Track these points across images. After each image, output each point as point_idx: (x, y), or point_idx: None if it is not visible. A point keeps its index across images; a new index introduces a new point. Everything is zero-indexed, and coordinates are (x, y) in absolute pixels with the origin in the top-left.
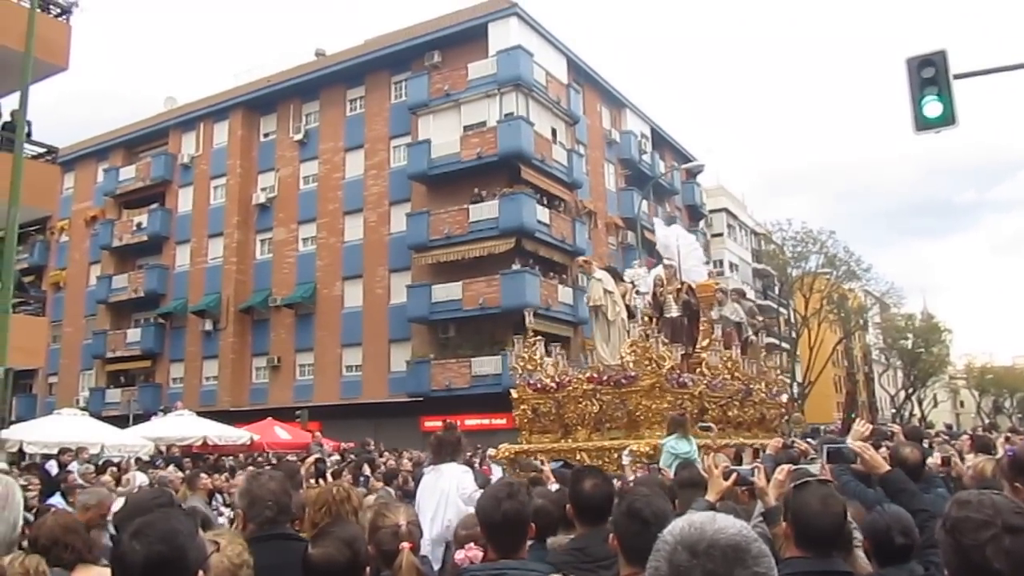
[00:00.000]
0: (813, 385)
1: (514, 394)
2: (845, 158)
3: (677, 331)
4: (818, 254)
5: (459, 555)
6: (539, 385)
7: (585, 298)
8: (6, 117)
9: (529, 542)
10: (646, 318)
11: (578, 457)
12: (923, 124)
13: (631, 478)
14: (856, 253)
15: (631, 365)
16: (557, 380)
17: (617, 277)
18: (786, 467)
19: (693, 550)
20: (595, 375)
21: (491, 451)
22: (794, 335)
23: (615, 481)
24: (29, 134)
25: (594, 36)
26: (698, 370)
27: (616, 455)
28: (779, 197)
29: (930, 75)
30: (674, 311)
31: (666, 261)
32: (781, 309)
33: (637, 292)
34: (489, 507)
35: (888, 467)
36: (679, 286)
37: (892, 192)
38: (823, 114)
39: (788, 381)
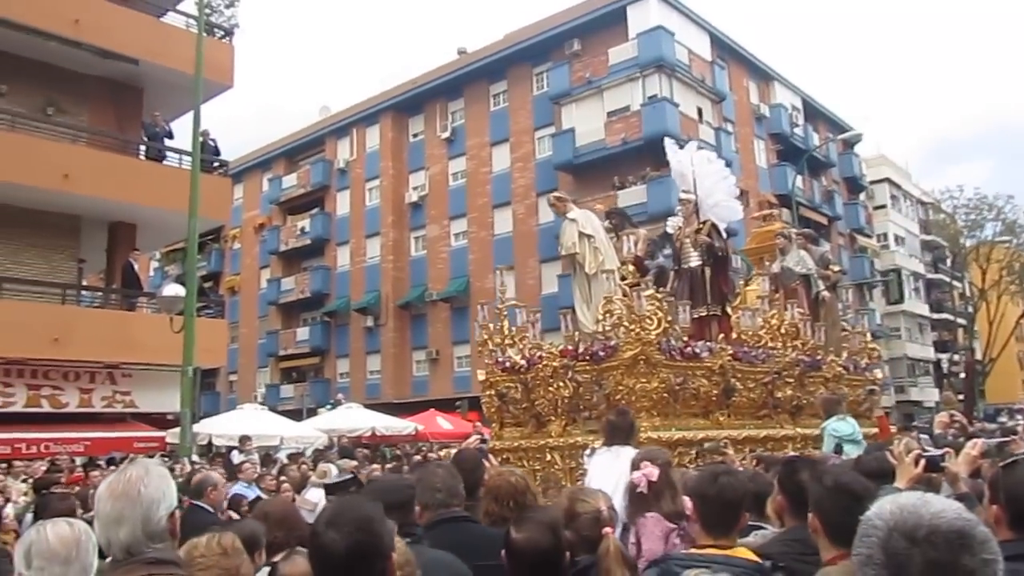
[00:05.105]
0: (995, 363)
1: (481, 375)
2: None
3: (696, 285)
4: (995, 221)
5: (635, 475)
6: (508, 364)
7: (558, 247)
8: (181, 137)
9: None
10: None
11: (548, 457)
12: None
13: (593, 482)
14: None
15: (620, 333)
16: (527, 356)
17: (623, 221)
18: (979, 441)
19: (911, 536)
20: (569, 347)
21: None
22: (970, 309)
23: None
24: (217, 151)
25: (737, 8)
26: (723, 337)
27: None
28: (948, 163)
29: None
30: (692, 259)
31: (682, 195)
32: (955, 283)
33: (657, 241)
34: (704, 480)
35: None
36: (698, 226)
37: None
38: (997, 67)
39: (966, 357)
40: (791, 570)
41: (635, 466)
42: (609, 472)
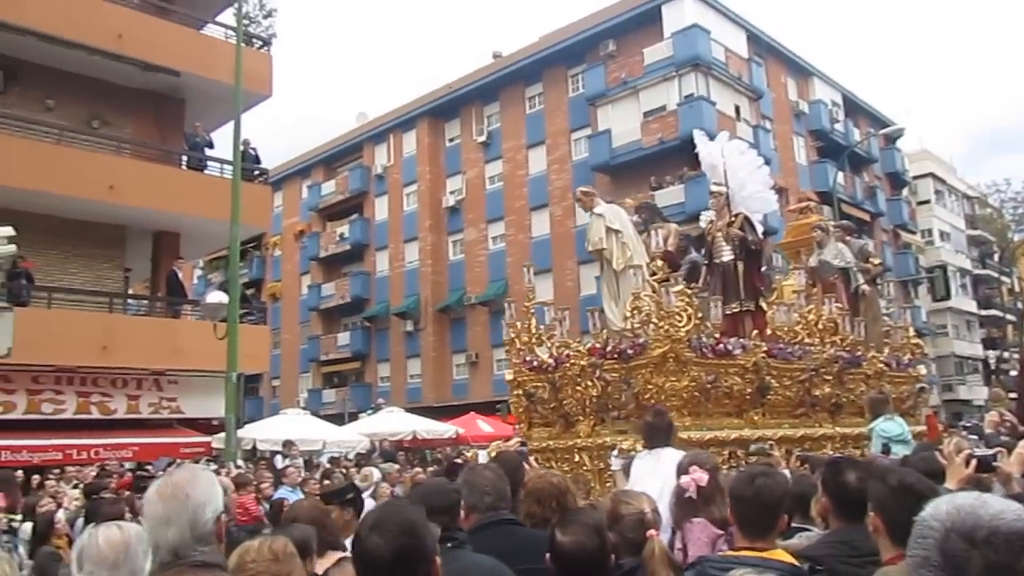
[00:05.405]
0: None
1: (508, 375)
2: None
3: (729, 280)
4: None
5: (684, 479)
6: (535, 363)
7: (585, 242)
8: (222, 146)
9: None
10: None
11: (577, 459)
12: None
13: (624, 485)
14: None
15: (650, 330)
16: (555, 355)
17: (653, 215)
18: None
19: (970, 538)
20: (597, 346)
21: (481, 454)
22: (1020, 305)
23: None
24: (257, 160)
25: (773, 4)
26: (758, 333)
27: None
28: (993, 155)
29: None
30: (725, 254)
31: (713, 187)
32: (1003, 278)
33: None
34: (741, 482)
35: None
36: (730, 219)
37: None
38: None
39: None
40: (836, 572)
41: (683, 470)
42: (653, 476)
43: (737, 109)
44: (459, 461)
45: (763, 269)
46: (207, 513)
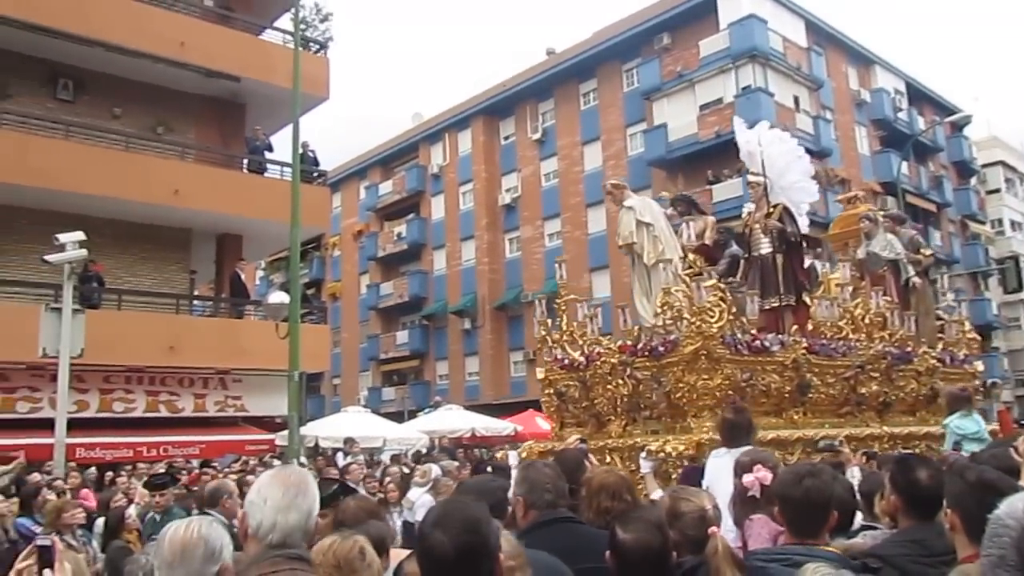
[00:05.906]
0: None
1: (539, 374)
2: None
3: (767, 273)
4: None
5: (747, 478)
6: (566, 361)
7: (616, 236)
8: (281, 149)
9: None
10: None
11: (608, 460)
12: None
13: (656, 494)
14: None
15: (682, 326)
16: (586, 353)
17: (690, 208)
18: None
19: None
20: (628, 343)
21: (512, 454)
22: None
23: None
24: (316, 162)
25: None
26: (798, 328)
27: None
28: None
29: None
30: (763, 246)
31: (751, 177)
32: None
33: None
34: (789, 483)
35: None
36: (769, 210)
37: None
38: None
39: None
40: (906, 571)
41: (746, 468)
42: (731, 476)
43: (796, 100)
44: (485, 458)
45: (807, 262)
46: (316, 509)
